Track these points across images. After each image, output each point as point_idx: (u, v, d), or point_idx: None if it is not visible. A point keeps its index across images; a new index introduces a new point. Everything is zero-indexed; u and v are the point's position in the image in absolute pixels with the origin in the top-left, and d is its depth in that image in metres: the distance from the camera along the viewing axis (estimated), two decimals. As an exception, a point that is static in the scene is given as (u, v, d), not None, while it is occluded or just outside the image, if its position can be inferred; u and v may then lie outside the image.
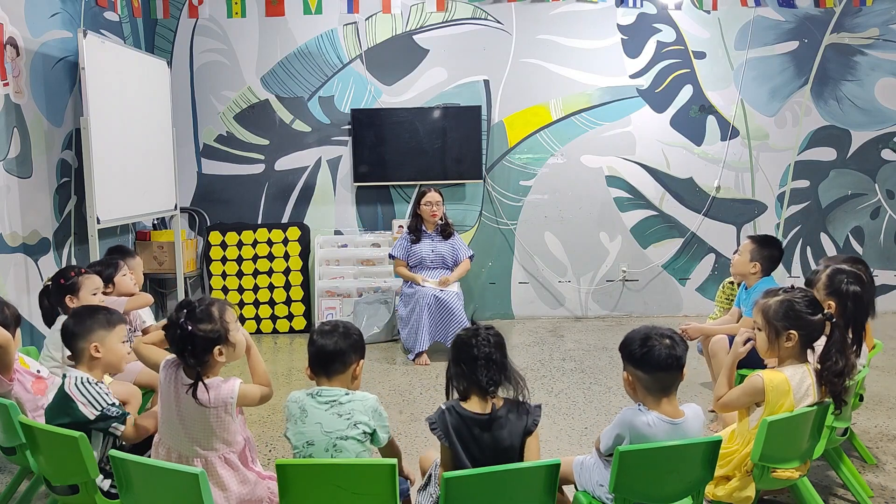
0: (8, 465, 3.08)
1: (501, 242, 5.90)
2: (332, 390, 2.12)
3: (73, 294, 3.07)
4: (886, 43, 5.67)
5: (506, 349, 2.15)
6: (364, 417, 2.10)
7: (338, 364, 2.14)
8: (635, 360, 2.08)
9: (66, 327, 2.38)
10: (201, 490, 1.81)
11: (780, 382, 2.26)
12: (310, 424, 2.08)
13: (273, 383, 2.34)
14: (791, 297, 2.32)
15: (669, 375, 2.06)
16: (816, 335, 2.32)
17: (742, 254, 3.58)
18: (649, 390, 2.08)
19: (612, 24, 5.70)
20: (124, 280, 3.49)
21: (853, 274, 2.72)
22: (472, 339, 2.10)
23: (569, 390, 4.14)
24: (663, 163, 5.81)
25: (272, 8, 5.68)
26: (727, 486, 2.28)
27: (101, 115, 4.21)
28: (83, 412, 2.21)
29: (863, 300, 2.67)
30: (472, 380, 2.08)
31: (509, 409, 2.09)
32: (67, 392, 2.25)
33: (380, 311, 5.37)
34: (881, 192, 5.83)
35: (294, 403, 2.13)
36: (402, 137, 5.67)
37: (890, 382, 4.15)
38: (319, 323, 2.24)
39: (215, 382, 2.13)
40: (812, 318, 2.29)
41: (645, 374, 2.07)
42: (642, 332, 2.10)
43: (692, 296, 5.90)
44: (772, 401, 2.24)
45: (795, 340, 2.30)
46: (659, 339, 2.06)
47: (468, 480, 1.84)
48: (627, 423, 2.05)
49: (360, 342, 2.21)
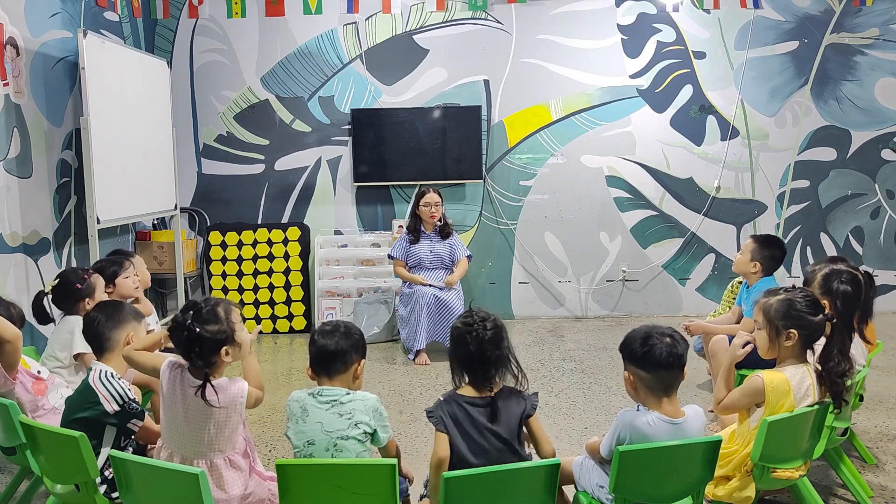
0: (8, 465, 3.08)
1: (501, 242, 5.90)
2: (333, 390, 2.13)
3: (90, 297, 3.08)
4: (886, 43, 5.67)
5: (502, 340, 2.16)
6: (365, 417, 2.10)
7: (339, 364, 2.15)
8: (636, 359, 2.08)
9: (96, 320, 2.42)
10: (201, 490, 1.81)
11: (781, 382, 2.26)
12: (310, 424, 2.08)
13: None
14: (792, 297, 2.32)
15: (671, 374, 2.06)
16: (817, 335, 2.32)
17: (743, 253, 3.60)
18: (651, 390, 2.08)
19: (612, 24, 5.70)
20: (126, 283, 3.42)
21: (848, 274, 2.72)
22: (466, 336, 2.13)
23: (569, 390, 4.14)
24: (663, 163, 5.81)
25: (272, 8, 5.68)
26: (727, 487, 2.28)
27: (101, 115, 4.22)
28: (104, 405, 2.24)
29: (853, 300, 2.66)
30: (469, 373, 2.14)
31: (507, 395, 2.12)
32: (91, 384, 2.28)
33: (380, 311, 5.37)
34: (881, 192, 5.83)
35: (295, 403, 2.13)
36: (402, 137, 5.67)
37: (890, 382, 4.15)
38: (320, 323, 2.25)
39: (223, 383, 2.13)
40: (812, 319, 2.30)
41: (646, 373, 2.07)
42: (643, 332, 2.10)
43: (692, 296, 5.90)
44: (772, 401, 2.24)
45: (795, 340, 2.30)
46: (660, 337, 2.06)
47: (468, 480, 1.84)
48: (627, 423, 2.06)
49: (361, 342, 2.21)
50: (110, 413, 2.24)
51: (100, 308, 2.51)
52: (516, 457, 2.08)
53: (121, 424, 2.27)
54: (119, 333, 2.42)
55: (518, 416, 2.10)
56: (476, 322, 2.14)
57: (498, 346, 2.13)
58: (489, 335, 2.12)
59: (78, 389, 2.35)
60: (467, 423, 2.07)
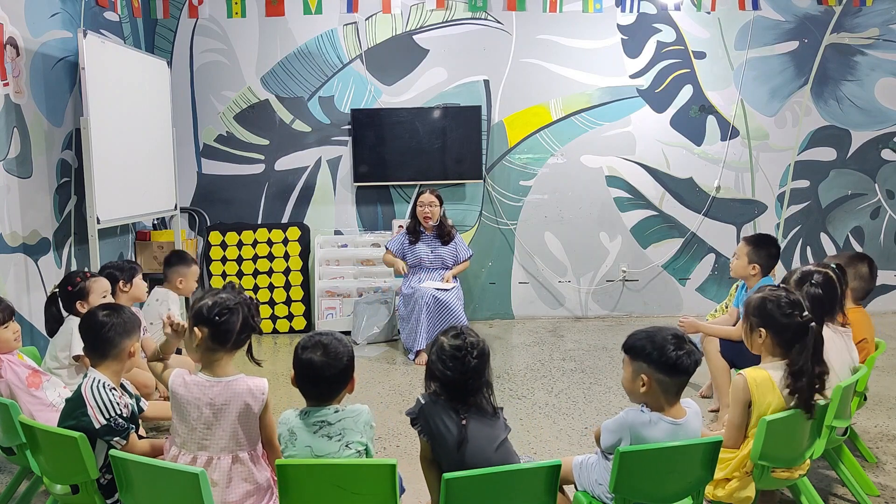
0: (8, 465, 3.08)
1: (501, 242, 5.90)
2: (321, 409, 2.06)
3: (83, 299, 3.07)
4: (886, 43, 5.67)
5: (486, 367, 2.12)
6: (356, 436, 2.05)
7: (333, 393, 2.10)
8: (662, 364, 2.04)
9: (105, 324, 2.31)
10: (201, 490, 1.81)
11: (763, 380, 2.26)
12: (300, 448, 2.03)
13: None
14: (767, 295, 2.32)
15: (687, 379, 2.09)
16: (790, 336, 2.28)
17: (739, 257, 3.60)
18: (667, 393, 2.07)
19: (612, 24, 5.70)
20: (141, 284, 3.57)
21: (821, 275, 2.67)
22: (449, 362, 2.09)
23: (569, 390, 4.14)
24: (663, 163, 5.81)
25: (272, 8, 5.68)
26: (727, 487, 2.28)
27: (101, 115, 4.21)
28: (91, 418, 2.18)
29: (822, 302, 2.61)
30: (444, 390, 2.12)
31: (477, 423, 2.09)
32: (82, 393, 2.22)
33: (380, 311, 5.37)
34: (881, 192, 5.83)
35: (283, 426, 2.08)
36: (402, 137, 5.67)
37: (890, 382, 4.15)
38: (307, 342, 2.10)
39: (242, 378, 2.15)
40: (782, 320, 2.28)
41: (668, 377, 2.05)
42: (661, 339, 2.06)
43: (692, 296, 5.90)
44: (758, 399, 2.24)
45: (765, 338, 2.31)
46: (679, 342, 2.05)
47: (468, 481, 1.84)
48: (628, 425, 2.06)
49: (350, 363, 2.11)
50: (95, 427, 2.17)
51: (106, 312, 2.38)
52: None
53: (106, 440, 2.20)
54: (126, 342, 2.34)
55: (495, 443, 2.08)
56: (465, 348, 2.09)
57: (481, 375, 2.11)
58: (474, 364, 2.09)
59: (72, 395, 2.28)
60: (445, 439, 2.07)
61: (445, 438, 2.07)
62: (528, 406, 3.88)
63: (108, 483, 2.18)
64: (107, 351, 2.32)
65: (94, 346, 2.34)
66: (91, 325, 2.34)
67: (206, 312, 2.14)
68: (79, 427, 2.15)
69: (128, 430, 2.25)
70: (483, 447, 2.07)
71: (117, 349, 2.33)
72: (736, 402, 2.30)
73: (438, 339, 2.16)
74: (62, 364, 3.00)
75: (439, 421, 2.08)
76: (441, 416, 2.09)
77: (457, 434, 2.05)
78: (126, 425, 2.25)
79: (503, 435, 2.13)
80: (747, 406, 2.27)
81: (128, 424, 2.26)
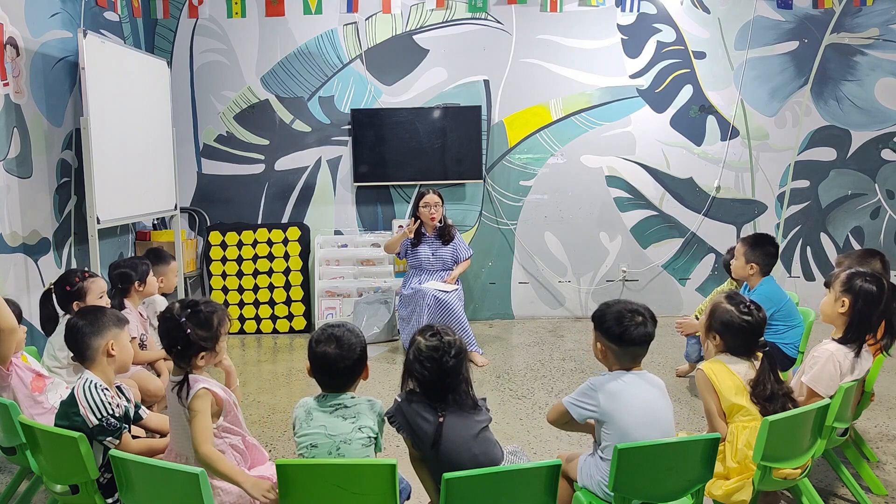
0: (8, 465, 3.08)
1: (501, 242, 5.90)
2: (339, 396, 2.13)
3: (79, 300, 3.07)
4: (886, 43, 5.67)
5: (462, 365, 2.13)
6: (369, 421, 2.10)
7: (348, 382, 2.15)
8: (611, 335, 2.20)
9: (76, 327, 2.32)
10: (201, 490, 1.81)
11: (719, 367, 2.40)
12: (314, 427, 2.08)
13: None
14: (721, 304, 2.44)
15: (641, 349, 2.22)
16: (740, 351, 2.41)
17: (738, 258, 3.63)
18: (620, 360, 2.23)
19: (612, 24, 5.70)
20: (154, 281, 3.65)
21: (872, 276, 2.67)
22: (426, 363, 2.10)
23: (569, 390, 4.10)
24: (663, 163, 5.81)
25: (272, 8, 5.68)
26: (725, 487, 2.28)
27: (101, 115, 4.21)
28: (84, 417, 2.19)
29: (875, 298, 2.60)
30: (421, 389, 2.15)
31: (455, 417, 2.10)
32: (75, 394, 2.24)
33: (380, 311, 5.37)
34: (881, 192, 5.83)
35: (300, 408, 2.14)
36: (402, 137, 5.67)
37: (890, 382, 4.15)
38: (321, 336, 2.13)
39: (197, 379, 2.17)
40: (730, 337, 2.41)
41: (619, 347, 2.21)
42: (616, 311, 2.22)
43: (692, 296, 5.89)
44: (721, 387, 2.35)
45: (718, 342, 2.44)
46: (633, 316, 2.19)
47: (468, 481, 1.84)
48: (596, 386, 2.18)
49: (363, 353, 2.15)
50: (89, 427, 2.18)
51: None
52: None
53: (99, 440, 2.22)
54: (99, 341, 2.32)
55: (472, 436, 2.10)
56: (443, 348, 2.10)
57: (458, 374, 2.12)
58: (452, 363, 2.10)
59: (66, 397, 2.29)
60: (422, 437, 2.09)
61: (422, 436, 2.09)
62: (528, 406, 3.88)
63: (108, 482, 2.18)
64: (83, 353, 2.33)
65: (73, 350, 2.36)
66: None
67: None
68: (73, 427, 2.17)
69: (120, 429, 2.26)
70: (463, 439, 2.09)
71: (90, 350, 2.32)
72: (703, 391, 2.44)
73: (415, 338, 2.18)
74: (61, 363, 3.00)
75: (418, 418, 2.11)
76: (420, 414, 2.11)
77: (432, 432, 2.07)
78: (119, 425, 2.26)
79: (484, 423, 2.15)
80: (714, 393, 2.39)
81: (120, 424, 2.27)
